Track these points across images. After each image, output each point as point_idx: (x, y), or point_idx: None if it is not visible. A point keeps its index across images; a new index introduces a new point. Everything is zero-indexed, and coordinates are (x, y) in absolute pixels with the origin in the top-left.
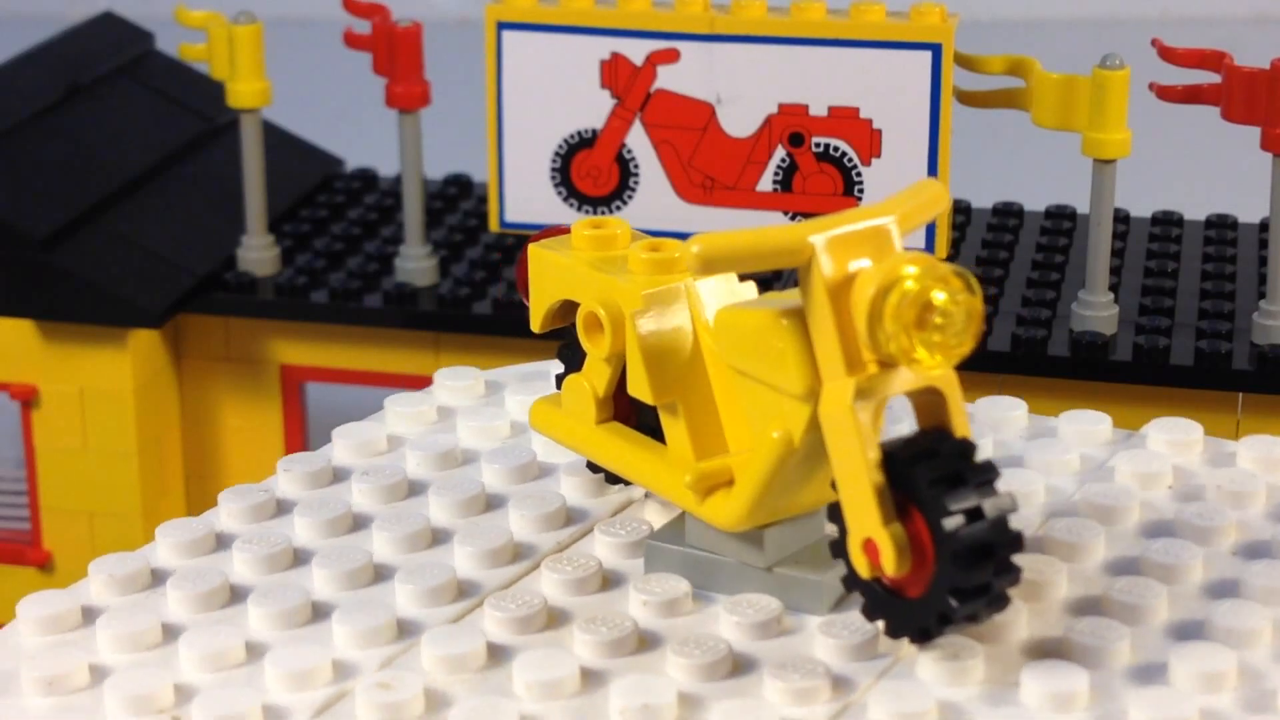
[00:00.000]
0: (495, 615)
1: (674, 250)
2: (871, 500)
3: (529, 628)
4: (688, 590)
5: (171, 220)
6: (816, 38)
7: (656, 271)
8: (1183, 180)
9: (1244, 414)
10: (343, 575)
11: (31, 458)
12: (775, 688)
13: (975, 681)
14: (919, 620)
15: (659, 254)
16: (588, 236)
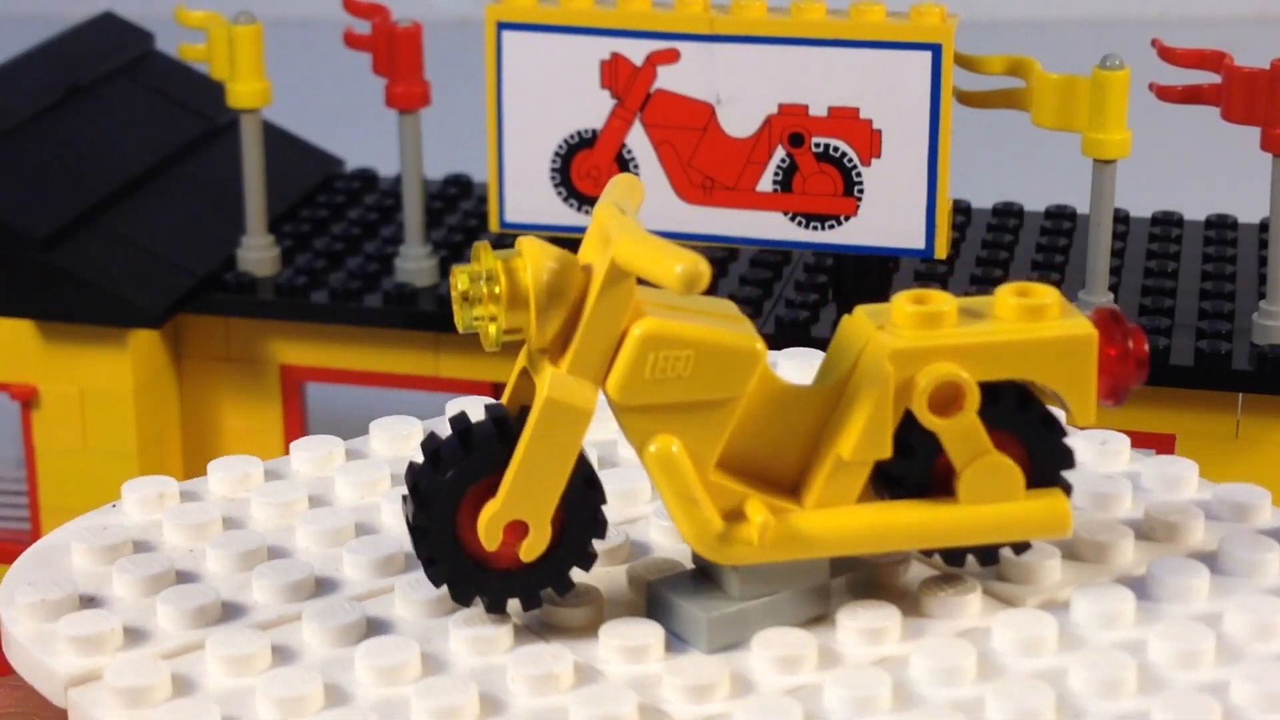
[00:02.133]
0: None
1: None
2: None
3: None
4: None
5: (171, 220)
6: (816, 38)
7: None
8: (1183, 180)
9: (1244, 414)
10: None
11: (31, 458)
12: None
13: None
14: (531, 587)
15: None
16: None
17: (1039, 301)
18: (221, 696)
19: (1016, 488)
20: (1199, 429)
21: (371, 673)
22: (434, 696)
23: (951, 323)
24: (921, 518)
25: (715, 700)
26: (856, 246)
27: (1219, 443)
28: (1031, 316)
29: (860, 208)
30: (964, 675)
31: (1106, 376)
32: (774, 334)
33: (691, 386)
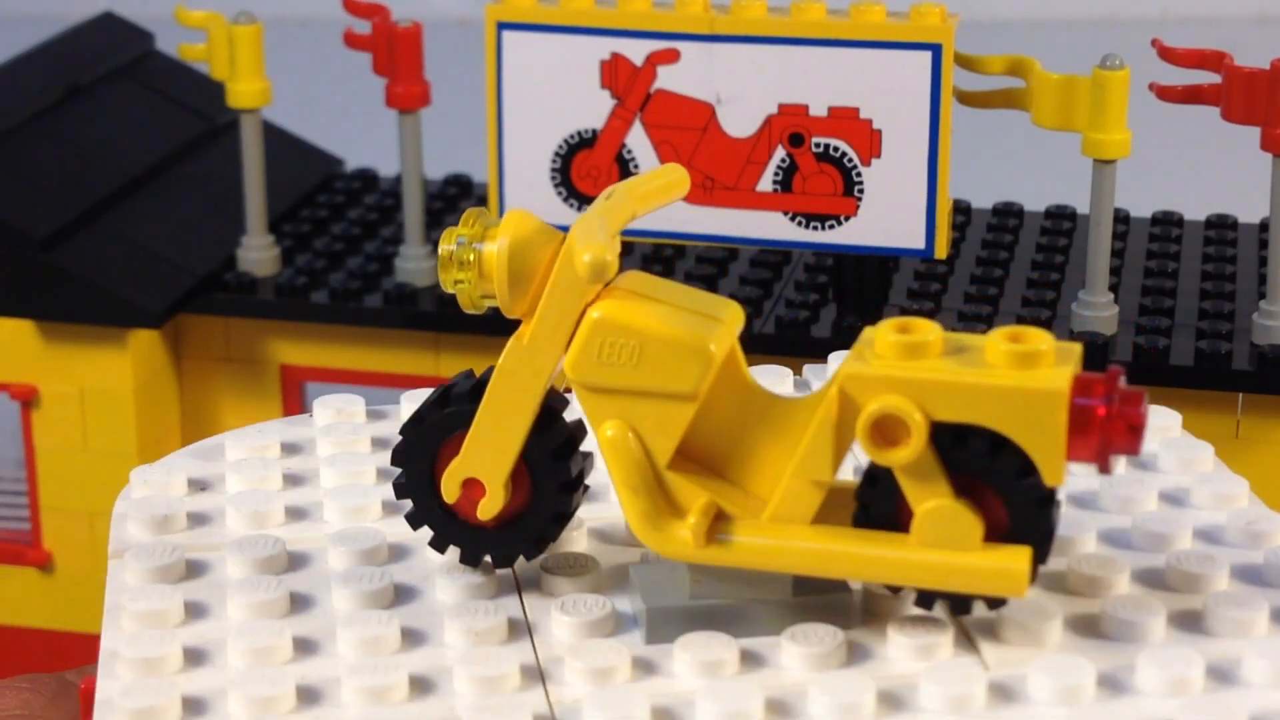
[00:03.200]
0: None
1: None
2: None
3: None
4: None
5: (171, 220)
6: (816, 38)
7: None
8: (1183, 180)
9: (1244, 414)
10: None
11: (31, 458)
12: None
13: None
14: (504, 548)
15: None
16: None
17: (1029, 348)
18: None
19: (971, 539)
20: (1199, 429)
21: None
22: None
23: (928, 355)
24: (866, 550)
25: (579, 681)
26: (856, 246)
27: (1219, 443)
28: (1017, 363)
29: (860, 208)
30: (860, 712)
31: (1094, 438)
32: (774, 334)
33: (638, 376)
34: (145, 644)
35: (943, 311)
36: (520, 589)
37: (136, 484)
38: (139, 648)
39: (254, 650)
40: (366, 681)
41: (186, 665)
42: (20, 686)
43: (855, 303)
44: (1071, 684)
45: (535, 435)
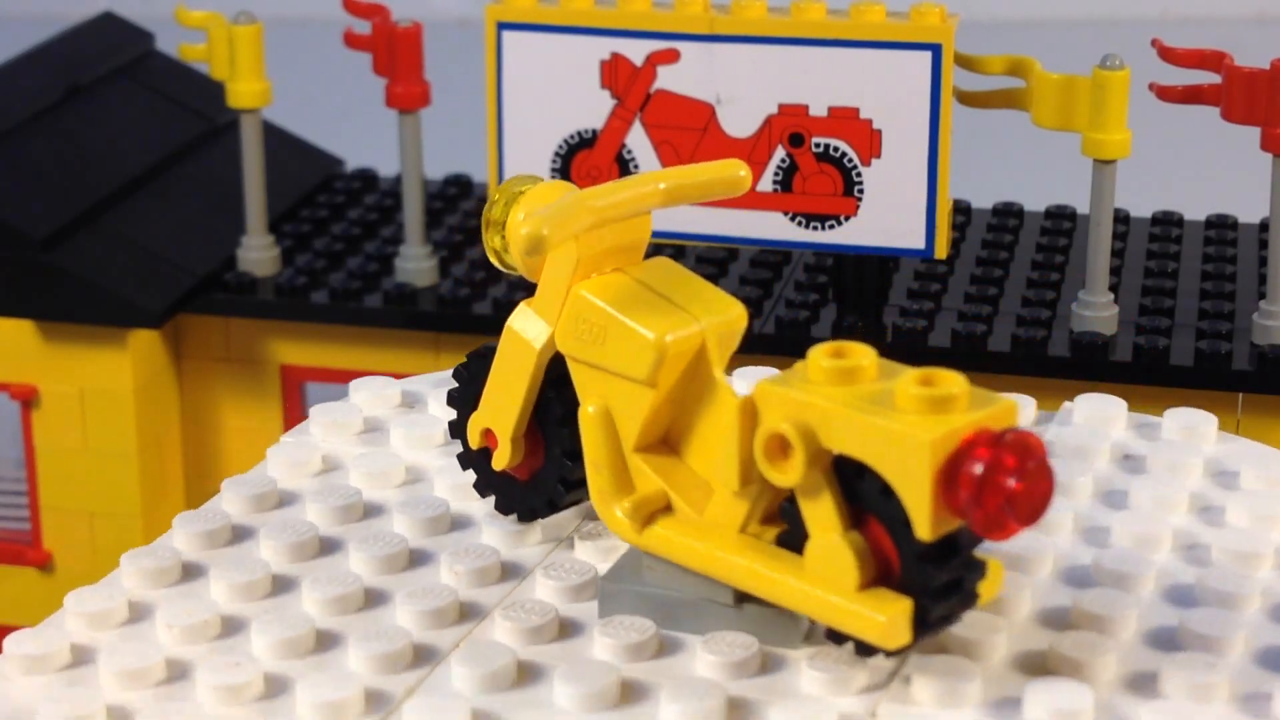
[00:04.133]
0: (463, 673)
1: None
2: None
3: (500, 684)
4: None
5: (171, 220)
6: (816, 38)
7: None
8: (1183, 180)
9: (1244, 414)
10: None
11: (31, 458)
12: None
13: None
14: (527, 502)
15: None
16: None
17: (936, 393)
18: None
19: (846, 579)
20: None
21: None
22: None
23: (853, 381)
24: (762, 569)
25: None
26: (856, 246)
27: None
28: (917, 406)
29: (860, 208)
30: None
31: (961, 498)
32: (774, 334)
33: (604, 356)
34: None
35: (942, 311)
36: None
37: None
38: None
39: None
40: None
41: None
42: None
43: (855, 303)
44: None
45: (547, 399)
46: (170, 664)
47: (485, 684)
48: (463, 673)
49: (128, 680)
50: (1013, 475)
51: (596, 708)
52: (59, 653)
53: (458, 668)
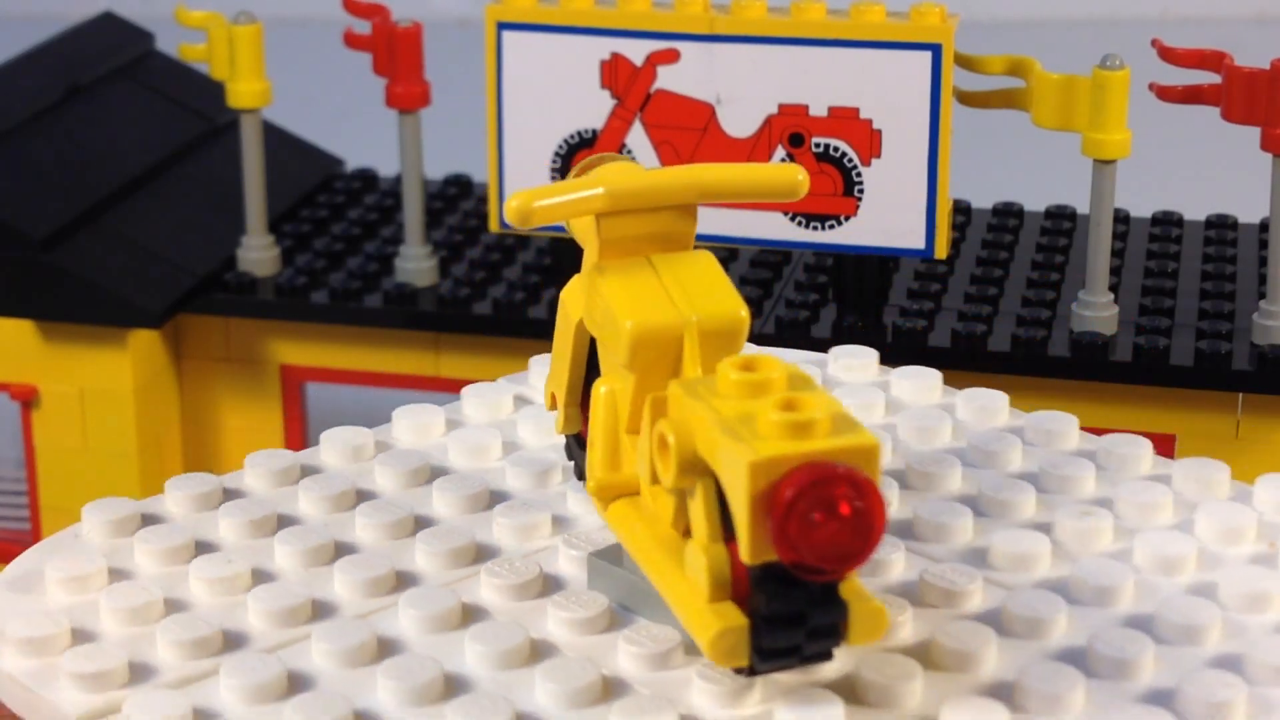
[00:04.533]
0: (410, 613)
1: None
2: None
3: (435, 627)
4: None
5: (171, 220)
6: (816, 38)
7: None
8: (1183, 180)
9: (1244, 414)
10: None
11: (31, 458)
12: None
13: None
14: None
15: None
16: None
17: (799, 418)
18: None
19: (700, 589)
20: (1199, 429)
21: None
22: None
23: (750, 394)
24: (656, 558)
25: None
26: (856, 246)
27: (1219, 443)
28: (779, 430)
29: (860, 208)
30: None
31: (771, 526)
32: (774, 334)
33: (605, 335)
34: None
35: (942, 311)
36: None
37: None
38: None
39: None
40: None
41: None
42: None
43: (855, 303)
44: None
45: (596, 371)
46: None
47: (423, 624)
48: (410, 613)
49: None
50: (824, 513)
51: (503, 666)
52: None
53: (407, 609)
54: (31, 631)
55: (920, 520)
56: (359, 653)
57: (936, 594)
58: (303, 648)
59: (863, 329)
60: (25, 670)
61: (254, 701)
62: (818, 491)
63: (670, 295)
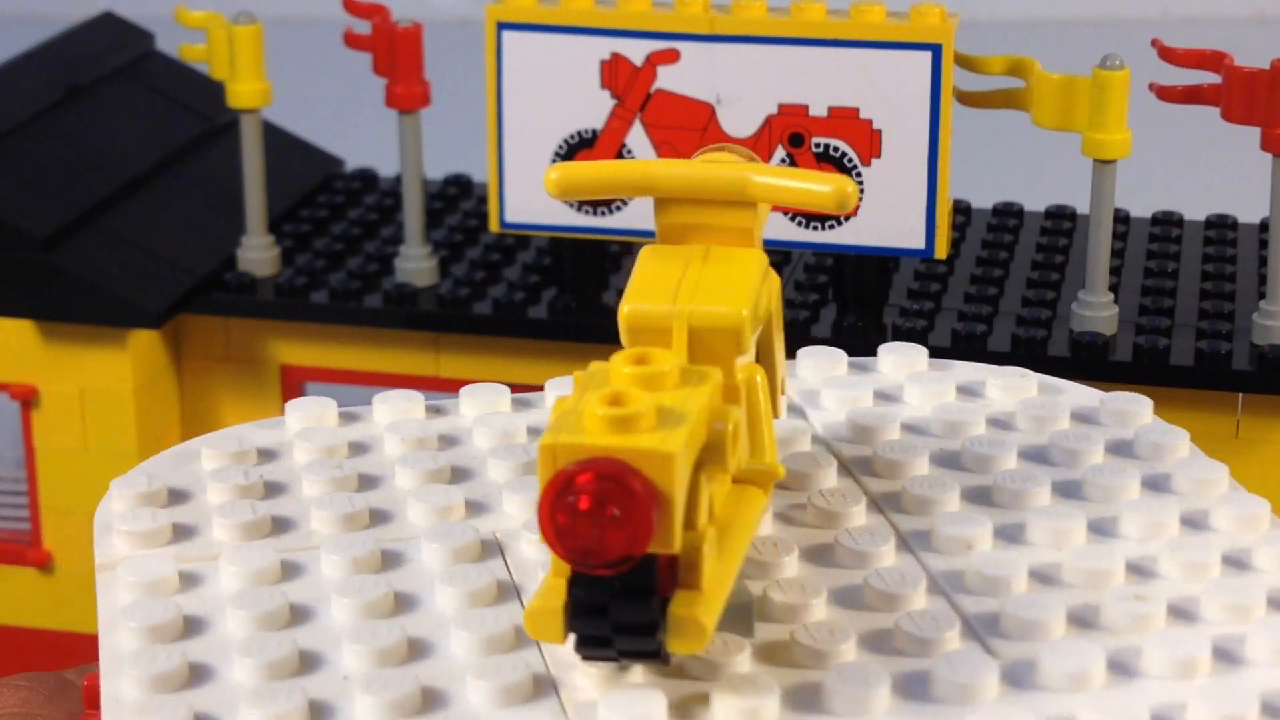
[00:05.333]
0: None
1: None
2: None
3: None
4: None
5: (171, 220)
6: (816, 38)
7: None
8: (1183, 180)
9: (1244, 414)
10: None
11: (31, 458)
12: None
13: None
14: None
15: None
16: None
17: (619, 413)
18: None
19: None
20: (1199, 429)
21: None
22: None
23: (626, 384)
24: None
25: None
26: (856, 246)
27: (1219, 443)
28: (597, 423)
29: (860, 208)
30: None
31: (544, 519)
32: None
33: None
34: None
35: (942, 311)
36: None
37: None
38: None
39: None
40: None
41: (192, 680)
42: (19, 685)
43: (855, 303)
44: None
45: None
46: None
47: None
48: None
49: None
50: (569, 507)
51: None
52: None
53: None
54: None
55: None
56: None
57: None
58: None
59: (863, 329)
60: None
61: None
62: (572, 484)
63: (683, 287)
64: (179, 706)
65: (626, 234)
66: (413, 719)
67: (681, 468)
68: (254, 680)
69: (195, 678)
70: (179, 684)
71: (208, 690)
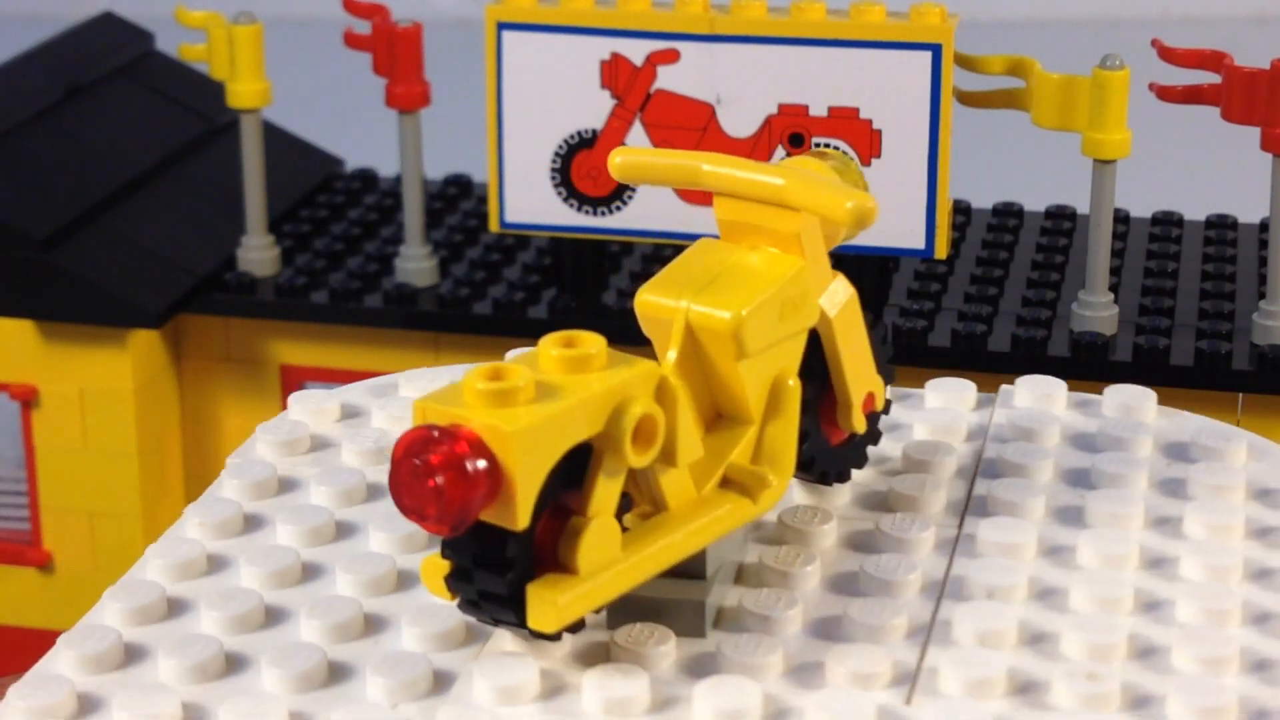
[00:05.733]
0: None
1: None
2: (871, 356)
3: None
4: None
5: (171, 220)
6: (816, 38)
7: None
8: (1183, 180)
9: (1244, 414)
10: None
11: (31, 458)
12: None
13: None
14: (843, 463)
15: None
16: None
17: (500, 386)
18: None
19: None
20: None
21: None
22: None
23: (551, 366)
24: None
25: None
26: (856, 246)
27: None
28: (477, 395)
29: None
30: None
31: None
32: None
33: None
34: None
35: (942, 311)
36: None
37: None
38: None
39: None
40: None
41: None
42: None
43: None
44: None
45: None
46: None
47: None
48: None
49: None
50: (413, 467)
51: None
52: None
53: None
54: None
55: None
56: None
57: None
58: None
59: None
60: None
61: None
62: (413, 445)
63: (700, 283)
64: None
65: (626, 234)
66: (352, 642)
67: (525, 446)
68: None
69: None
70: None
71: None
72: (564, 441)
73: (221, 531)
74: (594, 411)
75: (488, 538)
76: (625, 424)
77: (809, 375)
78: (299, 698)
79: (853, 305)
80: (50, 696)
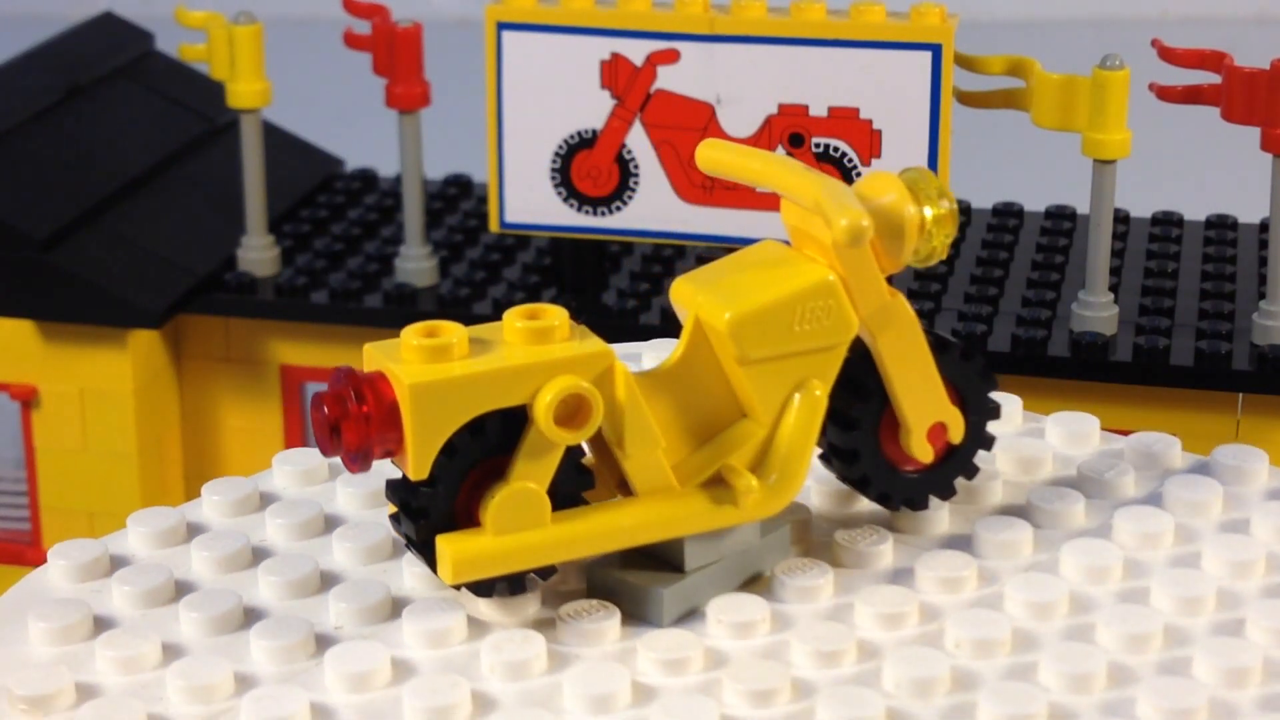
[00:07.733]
0: (340, 606)
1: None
2: (941, 386)
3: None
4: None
5: (171, 220)
6: (816, 38)
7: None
8: (1183, 180)
9: (1244, 414)
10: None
11: (31, 458)
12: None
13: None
14: (916, 489)
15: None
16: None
17: (434, 343)
18: None
19: None
20: (1199, 429)
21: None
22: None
23: (515, 339)
24: None
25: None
26: None
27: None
28: (410, 353)
29: None
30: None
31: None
32: None
33: None
34: None
35: (942, 311)
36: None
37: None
38: None
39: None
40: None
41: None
42: None
43: None
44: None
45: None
46: None
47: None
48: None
49: None
50: (324, 404)
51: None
52: None
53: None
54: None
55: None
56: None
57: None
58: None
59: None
60: None
61: None
62: (336, 388)
63: (725, 280)
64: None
65: (626, 234)
66: (313, 596)
67: (424, 400)
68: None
69: None
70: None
71: None
72: (476, 404)
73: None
74: (517, 381)
75: (410, 486)
76: (546, 398)
77: (861, 394)
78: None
79: (911, 329)
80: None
